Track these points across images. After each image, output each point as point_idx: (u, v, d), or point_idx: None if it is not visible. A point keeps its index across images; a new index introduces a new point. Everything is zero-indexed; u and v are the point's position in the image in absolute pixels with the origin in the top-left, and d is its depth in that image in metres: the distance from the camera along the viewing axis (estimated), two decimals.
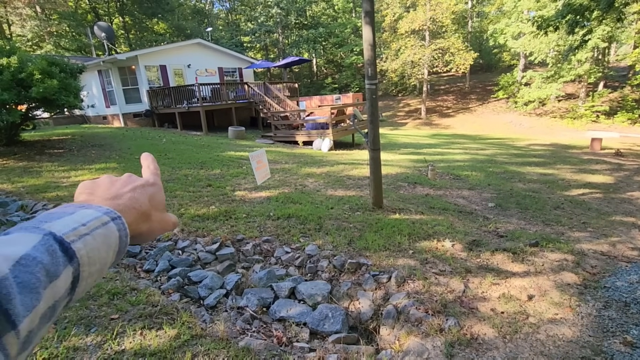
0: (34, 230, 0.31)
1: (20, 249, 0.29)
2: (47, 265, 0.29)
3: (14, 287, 0.26)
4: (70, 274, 0.31)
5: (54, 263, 0.29)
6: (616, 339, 2.40)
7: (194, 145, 10.10)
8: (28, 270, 0.28)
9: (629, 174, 8.36)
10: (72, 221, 0.33)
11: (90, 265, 0.33)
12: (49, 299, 0.29)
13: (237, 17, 38.44)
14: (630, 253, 3.69)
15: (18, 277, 0.27)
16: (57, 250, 0.30)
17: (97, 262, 0.34)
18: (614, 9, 9.53)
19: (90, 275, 0.33)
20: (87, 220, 0.34)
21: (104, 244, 0.34)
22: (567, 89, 23.26)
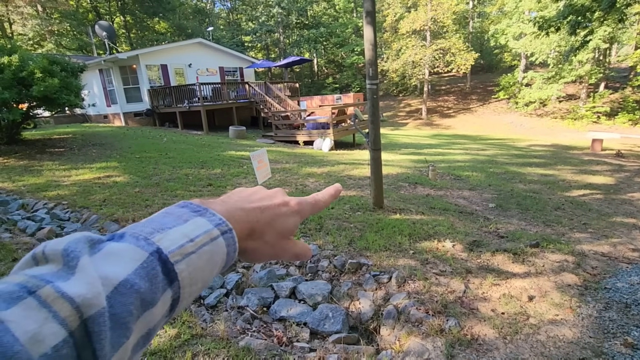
0: (142, 243, 0.28)
1: (123, 270, 0.26)
2: (145, 294, 0.26)
3: (107, 323, 0.23)
4: (169, 297, 0.28)
5: (152, 290, 0.27)
6: (617, 340, 2.40)
7: (194, 145, 10.11)
8: (124, 301, 0.25)
9: (630, 175, 8.35)
10: (181, 235, 0.30)
11: (191, 286, 0.30)
12: (141, 330, 0.27)
13: (238, 17, 38.46)
14: (631, 254, 3.69)
15: (113, 309, 0.24)
16: (158, 274, 0.27)
17: (199, 281, 0.31)
18: (616, 10, 9.52)
19: (190, 295, 0.31)
20: (196, 234, 0.31)
21: (209, 262, 0.31)
22: (568, 90, 23.24)
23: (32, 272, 0.24)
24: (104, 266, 0.25)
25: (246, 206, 0.38)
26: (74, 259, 0.24)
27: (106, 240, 0.28)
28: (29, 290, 0.22)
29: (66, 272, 0.24)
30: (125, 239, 0.28)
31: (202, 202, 0.35)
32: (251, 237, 0.37)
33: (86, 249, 0.26)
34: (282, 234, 0.39)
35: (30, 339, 0.20)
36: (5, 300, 0.21)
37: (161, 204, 4.68)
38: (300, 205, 0.41)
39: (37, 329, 0.20)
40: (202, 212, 0.33)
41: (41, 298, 0.22)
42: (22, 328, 0.20)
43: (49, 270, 0.24)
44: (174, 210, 0.33)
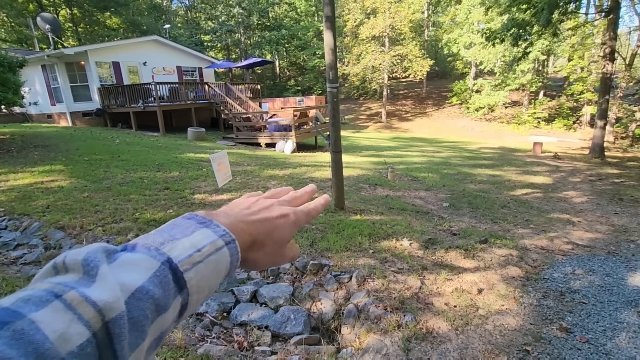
0: (154, 253, 0.30)
1: (138, 278, 0.28)
2: (158, 300, 0.28)
3: (126, 326, 0.25)
4: (179, 303, 0.30)
5: (165, 296, 0.29)
6: (553, 325, 2.64)
7: (150, 147, 9.65)
8: (140, 305, 0.27)
9: (565, 175, 9.20)
10: (189, 245, 0.32)
11: (198, 293, 0.32)
12: (155, 333, 0.29)
13: (197, 15, 37.25)
14: (565, 247, 4.07)
15: (130, 313, 0.26)
16: (170, 282, 0.29)
17: (206, 289, 0.33)
18: (551, 25, 10.51)
19: (197, 301, 0.33)
20: (203, 245, 0.33)
21: (214, 270, 0.33)
22: (512, 97, 25.12)
23: (56, 280, 0.26)
24: (121, 274, 0.28)
25: (247, 219, 0.40)
26: (93, 267, 0.26)
27: (120, 250, 0.31)
28: (55, 294, 0.24)
29: (87, 279, 0.26)
30: (137, 249, 0.31)
31: (207, 214, 0.38)
32: (252, 247, 0.40)
33: (104, 258, 0.28)
34: (279, 243, 0.42)
35: (58, 337, 0.22)
36: (35, 303, 0.23)
37: (113, 209, 4.42)
38: (296, 216, 0.44)
39: (64, 329, 0.22)
40: (207, 223, 0.36)
41: (67, 301, 0.24)
42: (51, 328, 0.22)
43: (71, 279, 0.26)
44: (180, 222, 0.36)
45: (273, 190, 0.49)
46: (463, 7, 25.19)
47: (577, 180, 8.50)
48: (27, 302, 0.23)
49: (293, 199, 0.48)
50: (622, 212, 5.65)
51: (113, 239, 3.63)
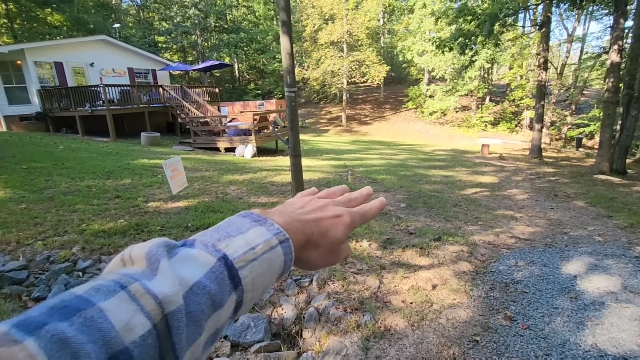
0: (211, 250, 0.31)
1: (196, 273, 0.29)
2: (215, 295, 0.29)
3: (184, 320, 0.26)
4: (233, 300, 0.31)
5: (221, 292, 0.29)
6: (499, 315, 2.84)
7: (99, 153, 9.05)
8: (197, 300, 0.27)
9: (509, 174, 9.94)
10: (244, 242, 0.33)
11: (253, 291, 0.32)
12: (211, 329, 0.29)
13: (150, 15, 35.63)
14: (510, 241, 4.40)
15: (188, 307, 0.27)
16: (225, 278, 0.30)
17: (260, 287, 0.33)
18: (493, 36, 11.37)
19: (252, 299, 0.33)
20: (258, 242, 0.33)
21: (268, 269, 0.34)
22: (462, 102, 26.73)
23: (122, 271, 0.27)
24: (180, 268, 0.28)
25: (302, 218, 0.40)
26: (155, 261, 0.28)
27: (180, 245, 0.32)
28: (121, 285, 0.25)
29: (150, 272, 0.27)
30: (195, 245, 0.32)
31: (262, 212, 0.38)
32: (306, 247, 0.39)
33: (164, 253, 0.29)
34: (333, 244, 0.42)
35: (123, 327, 0.23)
36: (104, 292, 0.24)
37: (55, 221, 4.09)
38: (351, 217, 0.43)
39: (128, 319, 0.23)
40: (262, 221, 0.36)
41: (131, 292, 0.25)
42: (117, 317, 0.23)
43: (135, 271, 0.27)
44: (236, 219, 0.36)
45: (327, 190, 0.49)
46: (415, 17, 26.47)
47: (519, 179, 9.21)
48: (97, 291, 0.24)
49: (348, 200, 0.47)
50: (557, 207, 6.22)
51: (55, 253, 3.36)
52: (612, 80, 9.84)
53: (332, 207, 0.43)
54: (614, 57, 9.70)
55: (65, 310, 0.22)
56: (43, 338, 0.20)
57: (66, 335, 0.20)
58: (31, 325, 0.20)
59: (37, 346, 0.19)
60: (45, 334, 0.20)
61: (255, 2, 35.35)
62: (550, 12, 13.67)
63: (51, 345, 0.20)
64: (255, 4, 35.43)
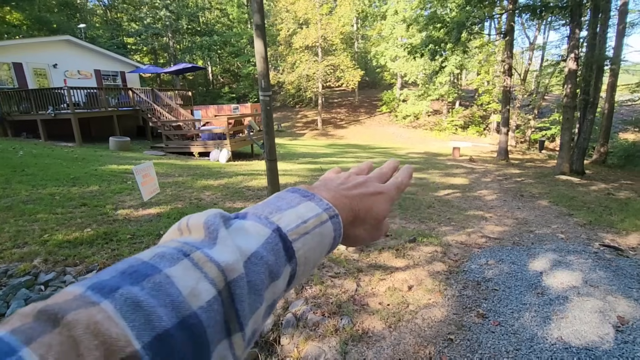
0: (265, 222, 0.31)
1: (253, 244, 0.29)
2: (272, 266, 0.29)
3: (245, 288, 0.26)
4: (288, 272, 0.31)
5: (277, 263, 0.29)
6: (472, 312, 2.93)
7: (63, 159, 8.61)
8: (256, 270, 0.27)
9: (479, 175, 10.33)
10: (296, 216, 0.33)
11: (305, 265, 0.32)
12: (269, 299, 0.29)
13: (118, 16, 34.38)
14: (480, 240, 4.56)
15: (249, 276, 0.27)
16: (280, 250, 0.30)
17: (311, 261, 0.33)
18: (461, 43, 11.84)
19: (303, 274, 0.33)
20: (309, 217, 0.33)
21: (319, 244, 0.33)
22: (434, 106, 27.56)
23: (182, 239, 0.27)
24: (237, 238, 0.28)
25: (348, 193, 0.40)
26: (214, 231, 0.28)
27: (234, 217, 0.32)
28: (184, 253, 0.25)
29: (209, 241, 0.27)
30: (249, 217, 0.31)
31: (309, 188, 0.38)
32: (353, 223, 0.39)
33: (221, 223, 0.29)
34: (378, 219, 0.41)
35: (189, 293, 0.23)
36: (168, 260, 0.25)
37: (14, 232, 3.85)
38: (390, 192, 0.43)
39: (194, 285, 0.24)
40: (311, 197, 0.36)
41: (194, 260, 0.25)
42: (184, 283, 0.23)
43: (195, 240, 0.27)
44: (285, 195, 0.36)
45: (357, 168, 0.49)
46: (388, 23, 27.11)
47: (488, 180, 9.59)
48: (162, 258, 0.24)
49: (380, 175, 0.47)
50: (523, 207, 6.52)
51: (14, 267, 3.15)
52: (570, 86, 10.47)
53: (372, 184, 0.43)
54: (571, 65, 10.33)
55: (136, 275, 0.23)
56: (118, 300, 0.21)
57: (139, 298, 0.21)
58: (105, 288, 0.21)
59: (114, 308, 0.20)
60: (119, 297, 0.21)
61: (228, 5, 34.96)
62: (514, 22, 14.40)
63: (126, 307, 0.20)
64: (228, 7, 35.03)
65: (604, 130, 14.88)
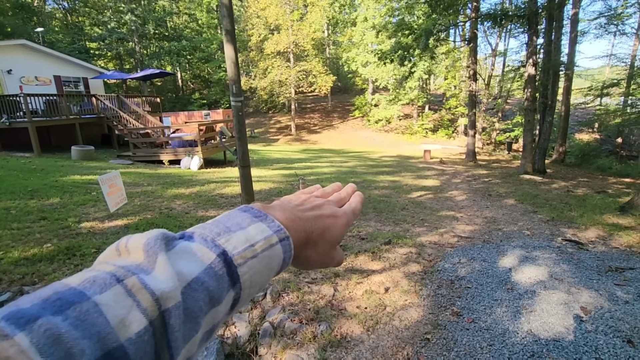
0: (211, 245, 0.30)
1: (195, 268, 0.27)
2: (213, 292, 0.28)
3: (181, 316, 0.25)
4: (231, 297, 0.30)
5: (219, 289, 0.28)
6: (447, 311, 2.99)
7: (19, 170, 8.07)
8: (196, 296, 0.26)
9: (449, 177, 10.66)
10: (244, 239, 0.32)
11: (250, 288, 0.32)
12: (207, 325, 0.28)
13: (80, 20, 32.87)
14: (453, 240, 4.69)
15: (186, 303, 0.26)
16: (224, 275, 0.29)
17: (257, 285, 0.33)
18: (429, 49, 12.25)
19: (249, 296, 0.32)
20: (257, 239, 0.33)
21: (267, 267, 0.33)
22: (405, 110, 28.28)
23: (118, 262, 0.26)
24: (179, 262, 0.27)
25: (303, 215, 0.39)
26: (153, 254, 0.26)
27: (178, 238, 0.30)
28: (118, 278, 0.24)
29: (147, 265, 0.26)
30: (194, 239, 0.30)
31: (263, 207, 0.37)
32: (306, 245, 0.39)
33: (163, 245, 0.27)
34: (331, 243, 0.41)
35: (119, 323, 0.22)
36: (99, 285, 0.23)
37: None
38: (347, 216, 0.43)
39: (124, 315, 0.22)
40: (263, 217, 0.35)
41: (127, 287, 0.24)
42: (113, 312, 0.22)
43: (132, 263, 0.26)
44: (236, 214, 0.35)
45: (322, 190, 0.49)
46: (358, 30, 27.63)
47: (458, 181, 9.91)
48: (93, 284, 0.23)
49: (339, 199, 0.47)
50: (491, 206, 6.78)
51: None
52: (530, 90, 11.07)
53: (329, 207, 0.43)
54: (530, 70, 10.93)
55: (59, 303, 0.21)
56: (35, 333, 0.19)
57: (60, 330, 0.19)
58: (23, 319, 0.19)
59: (29, 342, 0.18)
60: (37, 329, 0.19)
61: (197, 10, 34.35)
62: (477, 29, 15.09)
63: (44, 340, 0.19)
64: (197, 12, 34.42)
65: (562, 131, 15.82)
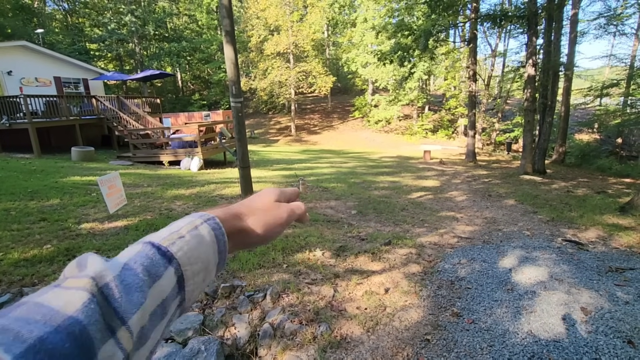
0: (139, 242, 0.36)
1: (127, 256, 0.34)
2: (148, 267, 0.33)
3: (119, 288, 0.30)
4: (172, 273, 0.35)
5: (154, 265, 0.33)
6: (447, 312, 2.99)
7: (19, 171, 8.06)
8: (131, 272, 0.32)
9: (449, 177, 10.66)
10: (168, 230, 0.38)
11: (191, 264, 0.36)
12: (156, 298, 0.33)
13: (80, 21, 32.89)
14: (452, 240, 4.68)
15: (124, 280, 0.31)
16: (155, 254, 0.34)
17: (198, 261, 0.37)
18: (428, 50, 12.26)
19: (195, 273, 0.37)
20: (180, 226, 0.38)
21: (200, 243, 0.38)
22: (404, 111, 28.29)
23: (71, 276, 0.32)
24: (116, 258, 0.34)
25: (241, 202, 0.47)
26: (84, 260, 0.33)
27: None
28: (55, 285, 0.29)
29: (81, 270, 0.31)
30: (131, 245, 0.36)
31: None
32: (239, 217, 0.44)
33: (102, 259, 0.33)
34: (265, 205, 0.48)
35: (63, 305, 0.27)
36: (38, 294, 0.28)
37: None
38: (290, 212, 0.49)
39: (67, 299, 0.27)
40: (193, 215, 0.41)
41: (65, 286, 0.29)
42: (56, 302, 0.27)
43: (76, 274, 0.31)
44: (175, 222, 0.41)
45: None
46: (358, 30, 27.65)
47: (458, 181, 9.91)
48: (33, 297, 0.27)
49: None
50: (491, 206, 6.78)
51: None
52: (529, 90, 11.08)
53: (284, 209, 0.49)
54: (530, 71, 10.94)
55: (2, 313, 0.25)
56: None
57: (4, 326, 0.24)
58: None
59: None
60: None
61: (197, 11, 34.39)
62: (476, 30, 15.10)
63: None
64: (197, 13, 34.45)
65: (562, 131, 15.82)
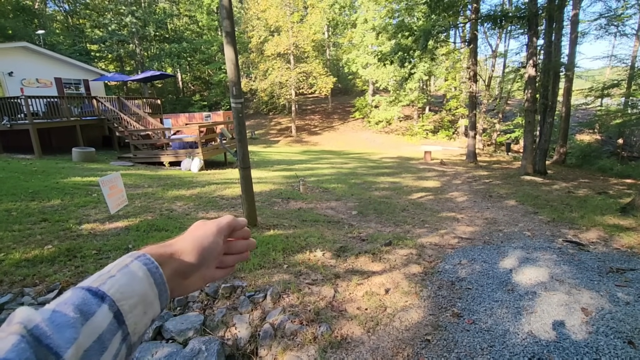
0: (72, 289, 0.37)
1: (58, 302, 0.35)
2: (80, 306, 0.35)
3: (51, 327, 0.32)
4: (107, 309, 0.36)
5: (85, 304, 0.35)
6: (448, 312, 2.98)
7: (20, 172, 8.08)
8: (61, 314, 0.34)
9: (450, 178, 10.65)
10: (97, 274, 0.39)
11: (126, 299, 0.38)
12: (91, 334, 0.34)
13: (80, 22, 32.97)
14: (453, 241, 4.68)
15: (55, 321, 0.33)
16: (86, 294, 0.36)
17: (134, 295, 0.38)
18: (429, 50, 12.27)
19: (133, 307, 0.38)
20: (111, 267, 0.40)
21: (132, 279, 0.39)
22: (405, 112, 28.30)
23: None
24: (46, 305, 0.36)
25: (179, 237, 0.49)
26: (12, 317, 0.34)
27: None
28: None
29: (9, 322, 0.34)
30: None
31: None
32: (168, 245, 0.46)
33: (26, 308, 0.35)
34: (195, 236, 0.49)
35: None
36: None
37: None
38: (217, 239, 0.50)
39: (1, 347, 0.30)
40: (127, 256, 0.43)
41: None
42: None
43: None
44: None
45: None
46: (358, 31, 27.67)
47: (458, 182, 9.91)
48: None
49: None
50: (492, 207, 6.77)
51: None
52: (530, 91, 11.08)
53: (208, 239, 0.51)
54: (530, 71, 10.94)
55: None
56: None
57: None
58: None
59: None
60: None
61: (198, 12, 34.45)
62: (476, 30, 15.10)
63: None
64: (198, 14, 34.52)
65: (563, 132, 15.81)
